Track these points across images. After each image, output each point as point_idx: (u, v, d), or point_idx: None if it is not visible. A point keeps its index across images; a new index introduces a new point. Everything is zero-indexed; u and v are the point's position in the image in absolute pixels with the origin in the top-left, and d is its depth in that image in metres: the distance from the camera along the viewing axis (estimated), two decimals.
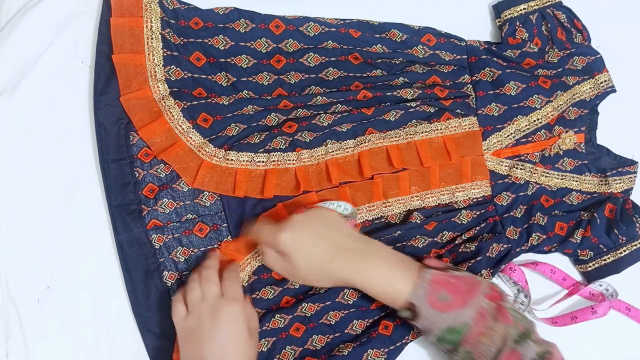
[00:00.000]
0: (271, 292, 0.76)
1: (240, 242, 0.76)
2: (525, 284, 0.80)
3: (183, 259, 0.75)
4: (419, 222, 0.79)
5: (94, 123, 0.75)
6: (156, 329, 0.74)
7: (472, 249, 0.78)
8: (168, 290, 0.74)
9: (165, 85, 0.77)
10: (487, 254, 0.78)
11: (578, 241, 0.80)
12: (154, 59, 0.76)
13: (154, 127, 0.75)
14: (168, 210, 0.76)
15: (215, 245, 0.76)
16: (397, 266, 0.67)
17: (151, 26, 0.76)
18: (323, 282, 0.70)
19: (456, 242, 0.80)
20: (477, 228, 0.80)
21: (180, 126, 0.76)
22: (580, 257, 0.81)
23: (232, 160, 0.76)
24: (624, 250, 0.79)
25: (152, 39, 0.76)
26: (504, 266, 0.80)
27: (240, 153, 0.77)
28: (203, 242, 0.76)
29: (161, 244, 0.75)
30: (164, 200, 0.75)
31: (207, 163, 0.76)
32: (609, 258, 0.80)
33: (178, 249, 0.75)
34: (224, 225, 0.77)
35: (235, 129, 0.77)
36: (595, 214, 0.80)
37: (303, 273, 0.68)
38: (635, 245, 0.79)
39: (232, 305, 0.66)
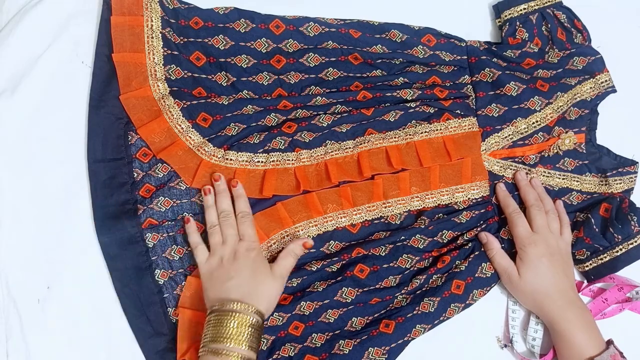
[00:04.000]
0: None
1: None
2: None
3: (177, 257, 0.75)
4: (423, 226, 0.79)
5: (87, 122, 0.76)
6: (147, 328, 0.74)
7: (469, 245, 0.79)
8: (160, 289, 0.74)
9: (165, 84, 0.77)
10: (482, 250, 0.79)
11: (573, 242, 0.80)
12: (154, 58, 0.76)
13: (153, 126, 0.75)
14: (164, 209, 0.75)
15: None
16: (594, 328, 0.75)
17: (151, 25, 0.76)
18: (525, 296, 0.77)
19: (457, 242, 0.80)
20: (478, 228, 0.80)
21: (180, 125, 0.76)
22: (578, 257, 0.81)
23: (231, 160, 0.76)
24: (621, 249, 0.79)
25: (152, 38, 0.76)
26: None
27: (239, 153, 0.77)
28: None
29: (155, 242, 0.74)
30: (160, 198, 0.75)
31: (206, 162, 0.76)
32: (605, 257, 0.80)
33: (172, 247, 0.75)
34: None
35: (235, 128, 0.77)
36: (589, 215, 0.80)
37: (526, 279, 0.76)
38: (632, 243, 0.79)
39: (250, 248, 0.71)
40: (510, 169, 0.83)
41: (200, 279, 0.72)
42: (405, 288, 0.77)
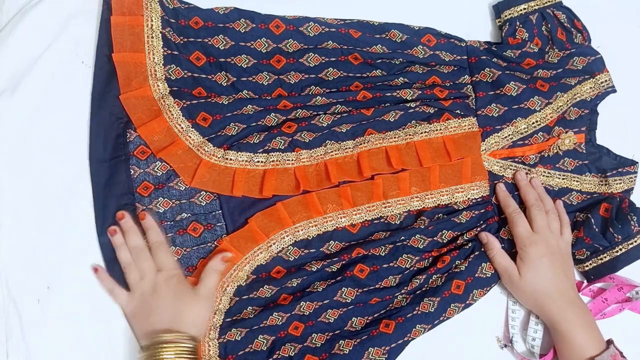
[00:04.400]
0: (269, 291, 0.76)
1: (239, 241, 0.76)
2: None
3: (175, 258, 0.75)
4: (423, 226, 0.79)
5: (89, 122, 0.75)
6: None
7: (469, 245, 0.79)
8: None
9: (165, 84, 0.77)
10: (482, 250, 0.79)
11: (573, 242, 0.80)
12: (154, 58, 0.76)
13: (153, 125, 0.75)
14: (163, 210, 0.75)
15: (210, 245, 0.76)
16: (595, 328, 0.76)
17: (151, 25, 0.76)
18: (526, 296, 0.77)
19: (457, 242, 0.80)
20: (478, 228, 0.80)
21: (180, 125, 0.76)
22: (578, 257, 0.81)
23: (230, 159, 0.76)
24: (620, 249, 0.79)
25: (152, 37, 0.76)
26: None
27: (239, 153, 0.77)
28: (197, 241, 0.76)
29: None
30: (159, 199, 0.75)
31: (206, 162, 0.76)
32: (605, 257, 0.80)
33: (171, 248, 0.75)
34: (219, 224, 0.77)
35: (235, 128, 0.77)
36: (589, 215, 0.80)
37: (527, 279, 0.76)
38: (632, 243, 0.79)
39: (170, 276, 0.70)
40: (510, 169, 0.83)
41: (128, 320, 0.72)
42: (405, 288, 0.77)
